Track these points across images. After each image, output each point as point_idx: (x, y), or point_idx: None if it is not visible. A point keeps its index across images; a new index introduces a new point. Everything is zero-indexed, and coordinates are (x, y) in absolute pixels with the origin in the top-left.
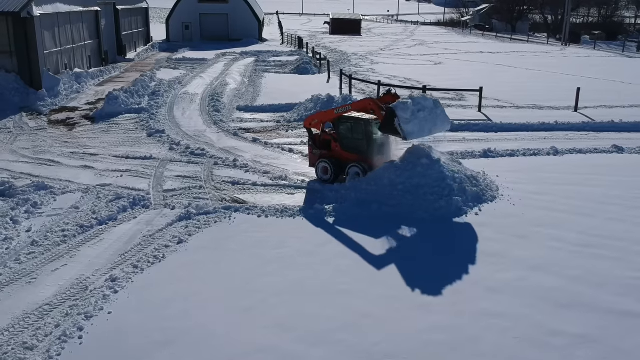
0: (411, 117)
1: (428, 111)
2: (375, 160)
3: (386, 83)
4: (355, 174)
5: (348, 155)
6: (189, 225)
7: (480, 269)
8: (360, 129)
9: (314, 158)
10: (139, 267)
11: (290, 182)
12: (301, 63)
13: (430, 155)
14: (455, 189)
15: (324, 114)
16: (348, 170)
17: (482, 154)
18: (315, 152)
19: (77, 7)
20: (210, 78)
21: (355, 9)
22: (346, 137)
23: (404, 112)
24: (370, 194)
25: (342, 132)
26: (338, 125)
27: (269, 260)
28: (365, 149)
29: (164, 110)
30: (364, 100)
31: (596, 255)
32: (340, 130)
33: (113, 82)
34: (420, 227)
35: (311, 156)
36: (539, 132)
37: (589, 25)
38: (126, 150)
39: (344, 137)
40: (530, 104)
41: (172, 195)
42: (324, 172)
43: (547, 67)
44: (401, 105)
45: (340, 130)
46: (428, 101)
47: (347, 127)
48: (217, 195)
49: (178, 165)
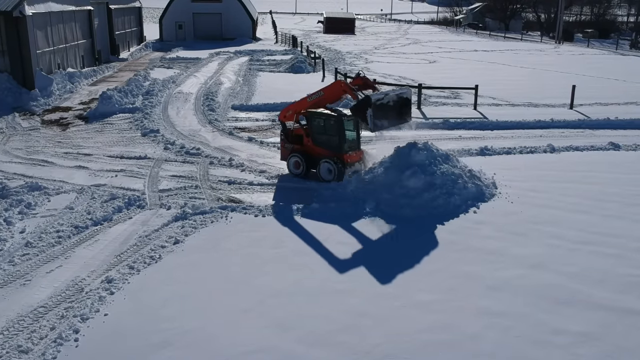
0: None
1: (399, 107)
2: (347, 156)
3: (381, 82)
4: (328, 170)
5: (320, 150)
6: (185, 225)
7: (480, 267)
8: (333, 125)
9: (285, 152)
10: (135, 268)
11: (288, 181)
12: (296, 62)
13: (428, 152)
14: (453, 186)
15: (298, 104)
16: (320, 165)
17: (478, 151)
18: (287, 146)
19: (69, 6)
20: (205, 77)
21: (348, 7)
22: (319, 132)
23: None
24: (367, 192)
25: (314, 127)
26: (311, 121)
27: (266, 260)
28: (337, 145)
29: (158, 109)
30: (336, 84)
31: (595, 252)
32: (313, 126)
33: (106, 81)
34: (418, 226)
35: (283, 150)
36: (535, 129)
37: (582, 24)
38: (120, 150)
39: (316, 133)
40: (526, 102)
41: (168, 195)
42: (296, 166)
43: (541, 64)
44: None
45: (313, 126)
46: (401, 98)
47: (320, 123)
48: (213, 194)
49: (173, 165)
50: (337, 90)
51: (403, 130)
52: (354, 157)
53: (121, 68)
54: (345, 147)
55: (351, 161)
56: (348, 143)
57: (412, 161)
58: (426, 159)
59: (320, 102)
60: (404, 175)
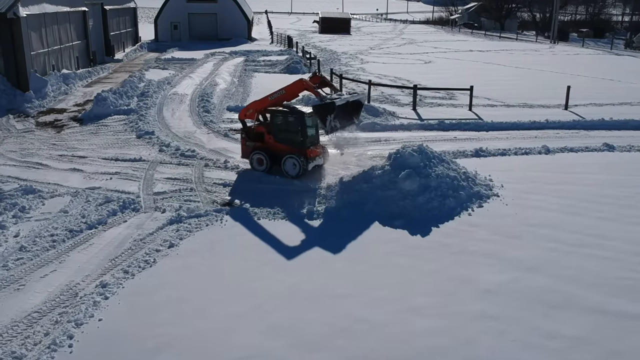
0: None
1: (352, 110)
2: (310, 151)
3: (377, 82)
4: (292, 165)
5: (282, 146)
6: (180, 228)
7: (475, 270)
8: (294, 122)
9: (247, 150)
10: (130, 272)
11: (283, 184)
12: (291, 62)
13: (423, 154)
14: (448, 189)
15: (259, 103)
16: (284, 161)
17: (473, 153)
18: (249, 144)
19: (64, 7)
20: (200, 78)
21: (344, 7)
22: (280, 129)
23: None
24: (363, 194)
25: (276, 124)
26: (273, 118)
27: (261, 263)
28: (299, 141)
29: (153, 111)
30: (298, 82)
31: (590, 255)
32: (274, 123)
33: (101, 83)
34: (413, 228)
35: (244, 148)
36: (530, 130)
37: (577, 23)
38: (115, 152)
39: (278, 130)
40: (521, 103)
41: (163, 198)
42: (259, 163)
43: (536, 65)
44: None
45: (275, 123)
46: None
47: (282, 120)
48: (208, 197)
49: (168, 167)
50: (299, 88)
51: (398, 131)
52: (315, 151)
53: (116, 69)
54: (307, 142)
55: (313, 156)
56: (309, 138)
57: (407, 164)
58: (421, 162)
59: (281, 100)
60: (400, 178)
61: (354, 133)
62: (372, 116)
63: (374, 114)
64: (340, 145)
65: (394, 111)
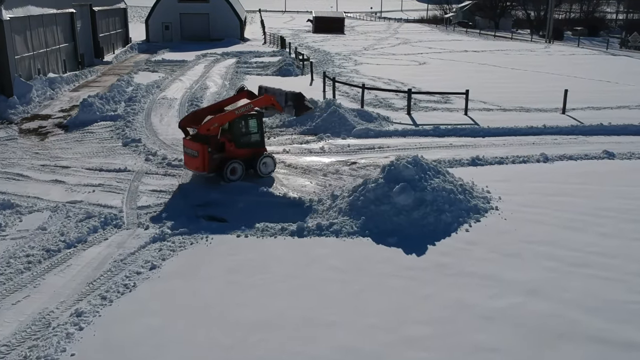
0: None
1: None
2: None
3: (371, 86)
4: (265, 164)
5: (243, 151)
6: (163, 247)
7: (473, 294)
8: (254, 122)
9: (214, 163)
10: (108, 299)
11: (272, 197)
12: (283, 64)
13: (418, 166)
14: (444, 203)
15: (224, 117)
16: (259, 163)
17: (470, 161)
18: (216, 156)
19: (50, 9)
20: (190, 81)
21: (338, 5)
22: (241, 134)
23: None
24: (355, 209)
25: (237, 130)
26: (233, 125)
27: (248, 286)
28: (259, 140)
29: (140, 117)
30: (266, 97)
31: (592, 276)
32: (235, 130)
33: (89, 86)
34: (408, 246)
35: (209, 162)
36: (528, 136)
37: (571, 21)
38: (100, 161)
39: (239, 135)
40: (517, 106)
41: (147, 213)
42: (233, 172)
43: (532, 66)
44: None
45: (235, 129)
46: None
47: (243, 123)
48: (194, 212)
49: (154, 178)
50: (266, 103)
51: (392, 138)
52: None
53: (105, 72)
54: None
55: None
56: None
57: (401, 176)
58: (416, 174)
59: (247, 113)
60: (394, 192)
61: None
62: (365, 121)
63: (368, 119)
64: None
65: (388, 116)
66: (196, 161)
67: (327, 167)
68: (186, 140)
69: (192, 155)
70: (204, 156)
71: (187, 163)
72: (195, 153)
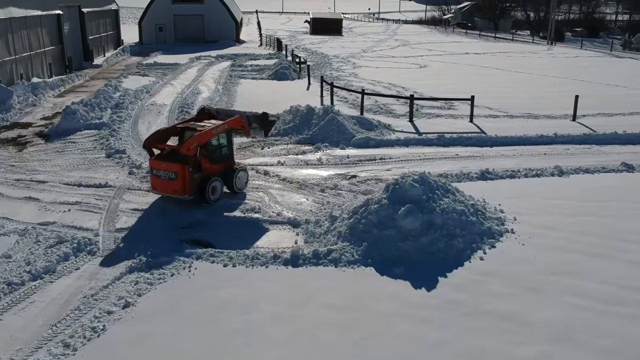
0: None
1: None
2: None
3: (370, 91)
4: (240, 178)
5: (216, 167)
6: (140, 279)
7: (493, 341)
8: (224, 136)
9: (194, 183)
10: (71, 346)
11: (264, 216)
12: (280, 68)
13: (425, 185)
14: (455, 226)
15: (204, 135)
16: (235, 179)
17: (479, 175)
18: (197, 176)
19: (34, 10)
20: (182, 86)
21: (335, 6)
22: (214, 150)
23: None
24: (356, 234)
25: (211, 147)
26: (207, 143)
27: (234, 331)
28: (229, 154)
29: (127, 125)
30: (238, 119)
31: (629, 316)
32: (209, 146)
33: (75, 92)
34: (416, 278)
35: (189, 183)
36: (538, 145)
37: (570, 22)
38: (80, 175)
39: (213, 151)
40: (525, 113)
41: (125, 237)
42: (214, 191)
43: (537, 69)
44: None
45: (210, 146)
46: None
47: (217, 139)
48: (177, 236)
49: (136, 195)
50: (238, 124)
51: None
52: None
53: (94, 75)
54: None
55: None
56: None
57: (407, 197)
58: (423, 194)
59: (222, 133)
60: (399, 215)
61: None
62: (365, 130)
63: (368, 127)
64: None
65: (389, 124)
66: (174, 184)
67: (324, 181)
68: (156, 161)
69: (167, 178)
70: (184, 177)
71: (160, 187)
72: (172, 175)
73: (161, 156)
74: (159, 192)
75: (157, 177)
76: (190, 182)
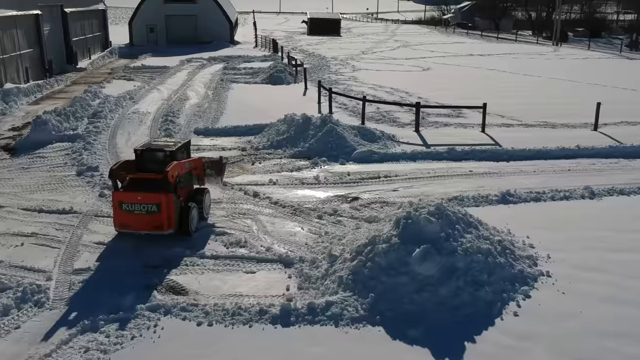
0: None
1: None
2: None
3: (371, 96)
4: (209, 200)
5: (183, 191)
6: (91, 345)
7: None
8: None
9: (176, 213)
10: None
11: (250, 251)
12: (274, 71)
13: (444, 219)
14: (482, 272)
15: (181, 165)
16: (204, 199)
17: (500, 198)
18: (177, 201)
19: (8, 10)
20: (169, 91)
21: (333, 7)
22: (183, 176)
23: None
24: (361, 281)
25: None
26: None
27: None
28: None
29: (104, 136)
30: (198, 159)
31: None
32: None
33: (52, 98)
34: (436, 346)
35: (175, 214)
36: (560, 160)
37: (571, 22)
38: (43, 198)
39: (182, 177)
40: (540, 121)
41: (82, 282)
42: (193, 220)
43: (546, 71)
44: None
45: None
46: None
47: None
48: (144, 280)
49: (104, 223)
50: (199, 166)
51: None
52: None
53: (76, 80)
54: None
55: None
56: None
57: (422, 235)
58: (442, 231)
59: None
60: (413, 258)
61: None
62: (367, 141)
63: (370, 138)
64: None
65: (393, 134)
66: (155, 218)
67: (322, 204)
68: (126, 193)
69: (145, 212)
70: (168, 209)
71: (134, 223)
72: (152, 207)
73: (131, 187)
74: (131, 230)
75: (128, 213)
76: (171, 212)
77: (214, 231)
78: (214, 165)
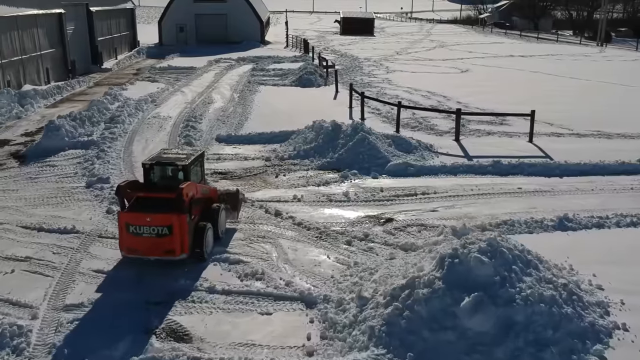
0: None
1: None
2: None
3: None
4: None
5: (196, 210)
6: None
7: None
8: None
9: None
10: None
11: (268, 285)
12: (304, 73)
13: (498, 259)
14: (546, 326)
15: (196, 186)
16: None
17: (556, 223)
18: (190, 222)
19: (29, 9)
20: (193, 93)
21: (367, 6)
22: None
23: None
24: (395, 334)
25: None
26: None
27: None
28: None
29: (120, 143)
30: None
31: None
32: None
33: (71, 101)
34: None
35: (189, 237)
36: (619, 176)
37: (613, 22)
38: (45, 214)
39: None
40: (594, 131)
41: (72, 322)
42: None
43: (594, 74)
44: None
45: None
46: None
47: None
48: (143, 320)
49: (107, 246)
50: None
51: (439, 177)
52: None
53: (99, 81)
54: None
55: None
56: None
57: (472, 279)
58: (496, 274)
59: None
60: (461, 308)
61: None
62: (402, 152)
63: (406, 148)
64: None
65: (431, 144)
66: (167, 241)
67: (352, 227)
68: (133, 214)
69: (155, 235)
70: (182, 231)
71: (142, 248)
72: (163, 230)
73: (139, 207)
74: (139, 255)
75: (135, 236)
76: (188, 235)
77: (228, 259)
78: (229, 199)
